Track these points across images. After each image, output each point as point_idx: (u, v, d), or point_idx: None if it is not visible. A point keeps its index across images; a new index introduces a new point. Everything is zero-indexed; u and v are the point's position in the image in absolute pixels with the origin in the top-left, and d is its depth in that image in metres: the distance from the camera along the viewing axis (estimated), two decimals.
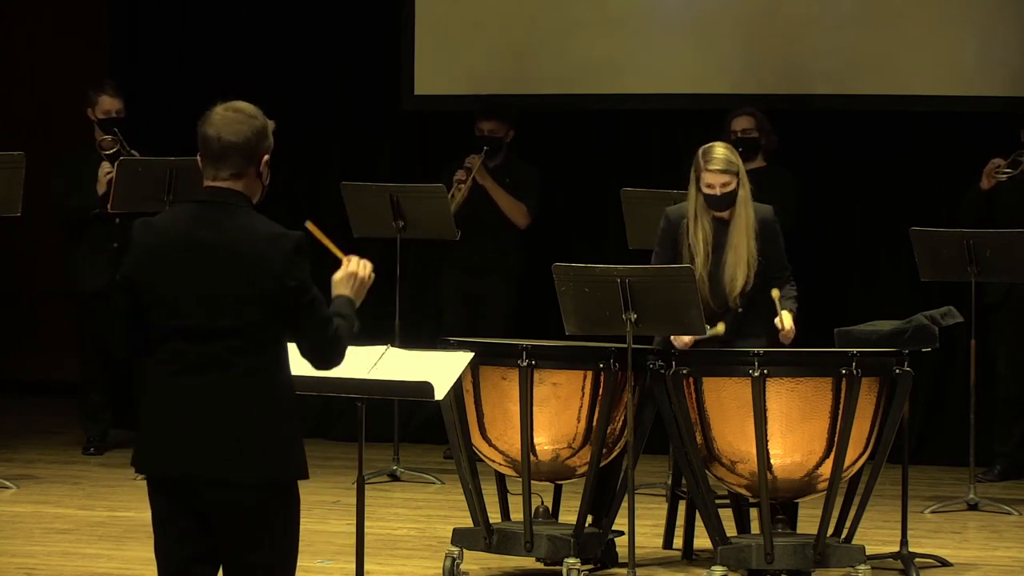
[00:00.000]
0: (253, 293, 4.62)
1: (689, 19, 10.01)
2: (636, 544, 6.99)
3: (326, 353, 4.71)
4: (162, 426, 4.69)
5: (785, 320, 7.29)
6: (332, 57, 10.49)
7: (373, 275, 4.90)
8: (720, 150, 7.34)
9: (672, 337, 7.19)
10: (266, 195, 4.81)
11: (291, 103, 9.83)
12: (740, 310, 7.31)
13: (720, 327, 7.27)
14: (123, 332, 4.80)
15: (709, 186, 7.27)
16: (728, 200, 7.28)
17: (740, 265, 7.29)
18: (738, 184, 7.30)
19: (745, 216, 7.32)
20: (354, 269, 4.88)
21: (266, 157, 4.75)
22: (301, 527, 4.76)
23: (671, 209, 7.49)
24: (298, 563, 4.77)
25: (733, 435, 7.00)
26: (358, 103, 10.46)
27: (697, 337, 7.15)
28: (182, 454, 4.65)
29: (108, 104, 9.64)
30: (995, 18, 9.69)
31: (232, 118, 4.72)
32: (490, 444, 7.29)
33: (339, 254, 4.97)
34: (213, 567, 4.75)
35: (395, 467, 9.18)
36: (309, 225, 4.96)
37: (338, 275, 4.88)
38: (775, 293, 7.38)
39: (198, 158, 4.75)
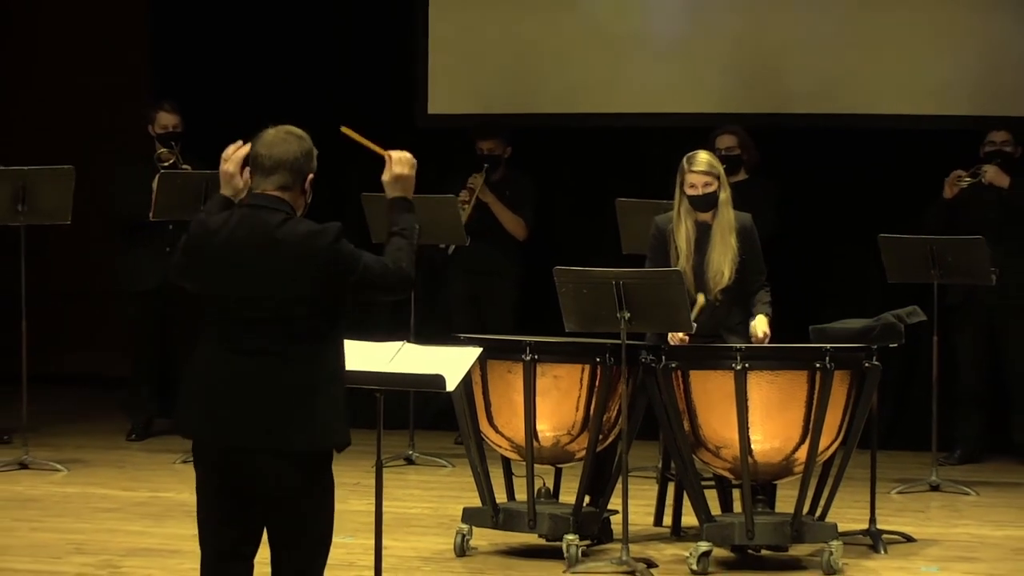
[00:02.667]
0: (299, 287, 4.67)
1: (677, 44, 10.01)
2: (629, 522, 7.00)
3: (401, 287, 4.83)
4: (209, 398, 4.71)
5: (760, 325, 7.29)
6: (355, 80, 10.50)
7: (415, 162, 4.98)
8: (703, 155, 7.39)
9: (669, 336, 7.20)
10: (310, 205, 4.85)
11: (318, 121, 9.85)
12: (719, 304, 7.33)
13: (700, 298, 7.27)
14: (163, 324, 4.86)
15: (692, 186, 7.30)
16: (710, 201, 7.29)
17: (725, 262, 7.30)
18: (719, 187, 7.32)
19: (727, 217, 7.34)
20: (398, 170, 4.97)
21: (311, 176, 4.81)
22: None
23: (659, 217, 7.51)
24: None
25: (717, 423, 7.02)
26: (377, 121, 10.35)
27: (698, 308, 7.17)
28: (232, 423, 4.67)
29: (165, 120, 9.66)
30: (958, 44, 9.69)
31: (284, 138, 4.79)
32: (497, 431, 7.31)
33: (379, 151, 5.03)
34: (254, 546, 4.78)
35: (410, 452, 9.24)
36: (344, 129, 5.00)
37: (385, 176, 4.97)
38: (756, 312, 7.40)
39: (247, 172, 4.84)
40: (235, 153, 4.91)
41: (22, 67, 11.63)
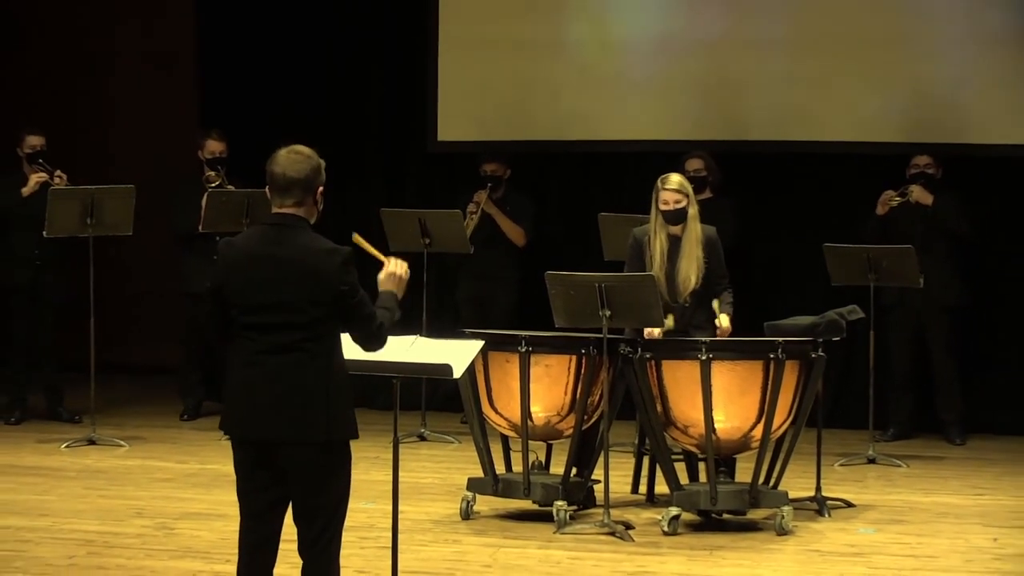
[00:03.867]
0: (313, 296, 4.64)
1: (652, 81, 9.98)
2: (610, 490, 7.03)
3: (372, 341, 4.75)
4: (244, 399, 4.72)
5: (723, 322, 7.33)
6: (376, 112, 10.48)
7: (408, 272, 4.95)
8: (675, 176, 7.41)
9: (645, 331, 7.21)
10: (323, 217, 4.83)
11: (343, 146, 9.87)
12: (687, 305, 7.35)
13: (670, 320, 7.29)
14: (216, 327, 4.83)
15: (665, 203, 7.31)
16: (680, 215, 7.31)
17: (692, 269, 7.32)
18: (688, 204, 7.33)
19: (695, 231, 7.36)
20: (393, 269, 4.93)
21: (321, 188, 4.77)
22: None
23: (637, 229, 7.53)
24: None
25: (685, 405, 7.04)
26: (394, 147, 10.48)
27: (663, 329, 7.19)
28: (262, 419, 4.67)
29: (213, 146, 9.68)
30: (888, 83, 9.65)
31: (294, 159, 4.74)
32: (497, 412, 7.33)
33: (381, 257, 5.01)
34: (284, 508, 4.78)
35: (422, 430, 9.23)
36: (356, 237, 5.00)
37: (382, 275, 4.93)
38: (716, 304, 7.41)
39: (267, 190, 4.80)
40: None
41: (92, 101, 11.63)
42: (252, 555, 4.80)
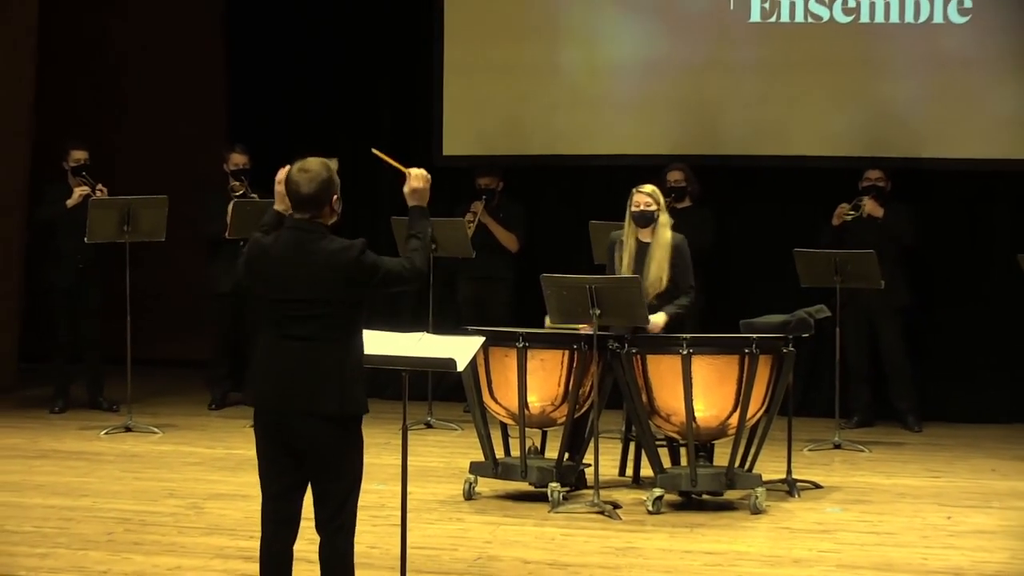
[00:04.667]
0: (330, 290, 4.67)
1: (637, 101, 9.98)
2: (599, 473, 7.03)
3: (414, 280, 4.82)
4: (266, 376, 4.74)
5: (656, 318, 7.21)
6: (388, 129, 10.45)
7: (429, 177, 4.99)
8: (649, 185, 7.38)
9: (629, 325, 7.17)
10: (340, 224, 4.85)
11: (358, 161, 9.86)
12: (654, 305, 7.27)
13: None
14: (247, 318, 4.89)
15: (636, 205, 7.29)
16: (648, 218, 7.27)
17: (660, 272, 7.27)
18: (658, 210, 7.29)
19: (664, 237, 7.31)
20: (415, 183, 5.00)
21: (335, 196, 4.79)
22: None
23: (614, 233, 7.51)
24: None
25: (668, 396, 7.03)
26: (404, 161, 10.43)
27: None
28: (280, 394, 4.69)
29: (237, 159, 9.66)
30: (846, 103, 9.66)
31: (303, 178, 4.77)
32: (496, 402, 7.32)
33: (402, 169, 5.03)
34: (303, 491, 4.79)
35: (429, 418, 9.22)
36: (375, 150, 4.99)
37: (406, 189, 4.99)
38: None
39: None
40: (284, 175, 4.91)
41: (126, 117, 11.63)
42: (274, 533, 4.81)
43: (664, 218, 7.32)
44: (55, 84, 11.17)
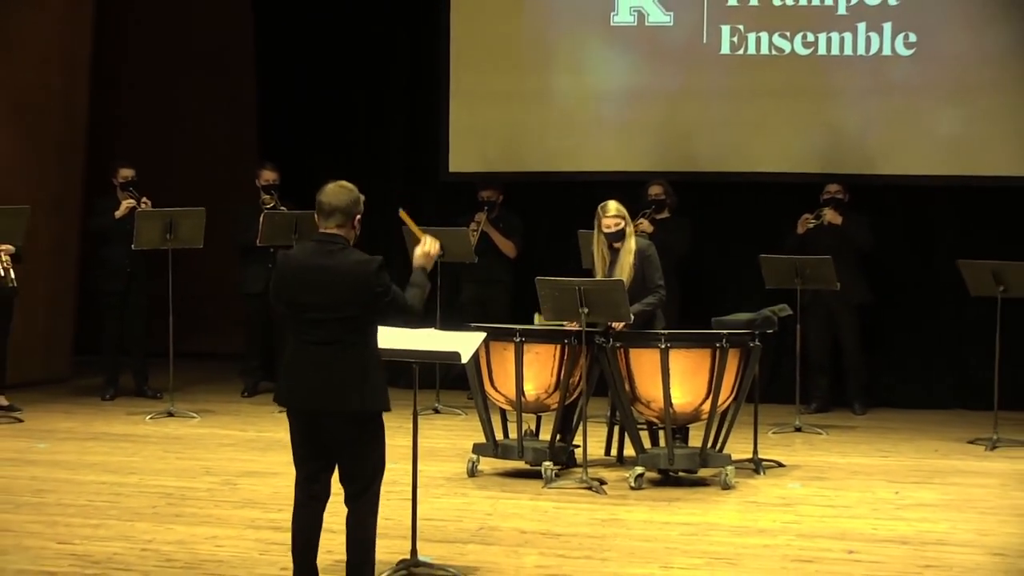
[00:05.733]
0: (351, 297, 4.65)
1: (621, 124, 9.97)
2: (588, 453, 7.03)
3: (408, 320, 4.80)
4: (294, 377, 4.72)
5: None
6: (401, 149, 10.45)
7: (440, 250, 4.97)
8: (612, 203, 7.28)
9: (611, 324, 7.15)
10: (359, 236, 4.85)
11: (373, 176, 9.83)
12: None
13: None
14: (276, 319, 4.89)
15: (607, 227, 7.23)
16: (620, 235, 7.24)
17: (624, 275, 7.19)
18: (625, 224, 7.27)
19: (629, 245, 7.25)
20: (427, 249, 4.96)
21: (359, 216, 4.79)
22: None
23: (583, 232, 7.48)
24: None
25: (648, 385, 7.02)
26: (414, 177, 10.47)
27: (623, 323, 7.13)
28: (311, 395, 4.67)
29: (268, 175, 9.67)
30: (807, 125, 9.65)
31: (339, 191, 4.77)
32: (496, 390, 7.31)
33: (420, 235, 5.01)
34: (331, 471, 4.79)
35: (437, 404, 9.22)
36: (402, 213, 4.98)
37: (418, 252, 4.96)
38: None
39: (315, 213, 4.80)
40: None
41: (171, 138, 11.64)
42: (305, 507, 4.82)
43: (630, 229, 7.30)
44: (105, 109, 11.17)
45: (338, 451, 4.71)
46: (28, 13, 10.19)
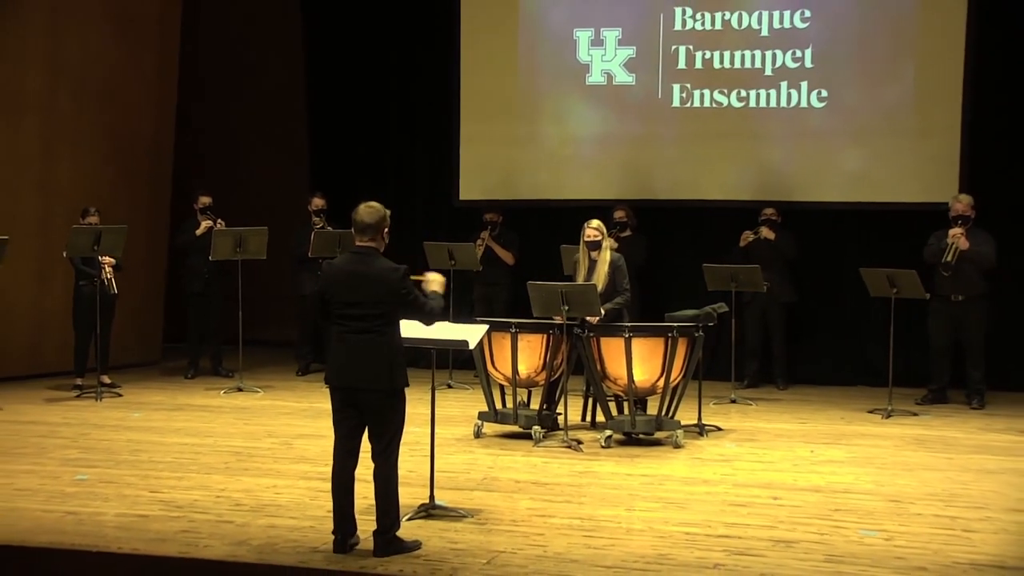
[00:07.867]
0: (382, 297, 4.66)
1: (594, 162, 9.97)
2: (568, 419, 7.01)
3: (427, 319, 4.79)
4: (338, 361, 4.72)
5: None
6: (420, 179, 10.44)
7: (444, 280, 4.98)
8: (595, 221, 7.36)
9: (586, 318, 7.17)
10: (387, 249, 4.85)
11: (399, 203, 9.81)
12: (599, 300, 7.20)
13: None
14: (321, 316, 4.85)
15: (588, 236, 7.26)
16: (597, 244, 7.26)
17: (600, 280, 7.22)
18: (602, 238, 7.28)
19: (605, 257, 7.28)
20: (439, 280, 4.96)
21: (386, 230, 4.80)
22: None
23: (576, 256, 7.43)
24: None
25: (615, 366, 7.01)
26: (431, 203, 10.47)
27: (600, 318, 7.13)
28: (350, 374, 4.68)
29: (317, 202, 9.66)
30: (744, 159, 9.67)
31: (368, 211, 4.78)
32: (496, 370, 7.30)
33: (428, 278, 5.01)
34: (362, 431, 4.79)
35: (450, 381, 9.20)
36: (412, 277, 4.99)
37: (435, 287, 4.93)
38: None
39: (352, 230, 4.80)
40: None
41: (240, 171, 11.64)
42: (342, 461, 4.82)
43: (606, 242, 7.32)
44: (185, 147, 11.16)
45: (368, 417, 4.72)
46: (126, 71, 10.19)
